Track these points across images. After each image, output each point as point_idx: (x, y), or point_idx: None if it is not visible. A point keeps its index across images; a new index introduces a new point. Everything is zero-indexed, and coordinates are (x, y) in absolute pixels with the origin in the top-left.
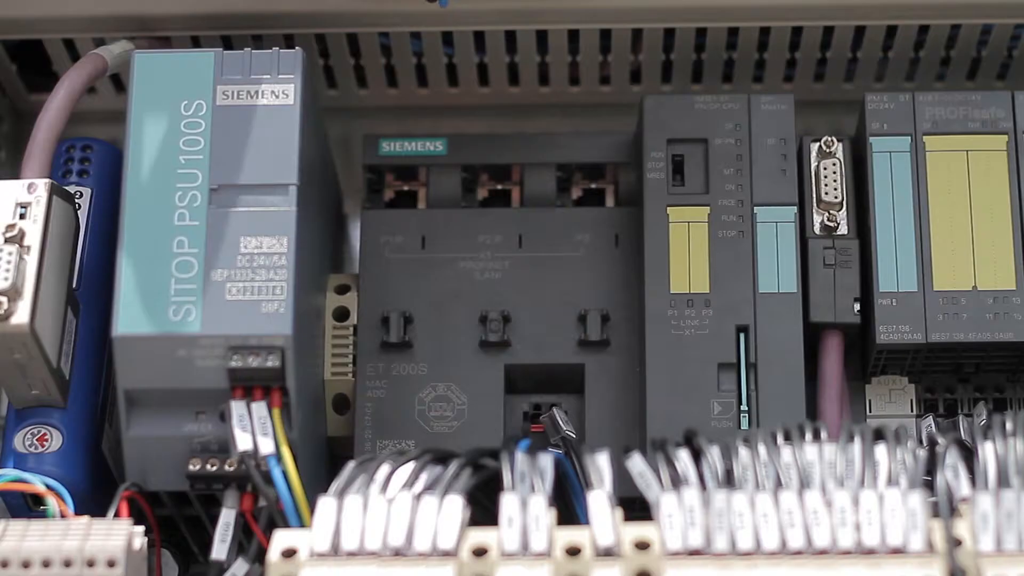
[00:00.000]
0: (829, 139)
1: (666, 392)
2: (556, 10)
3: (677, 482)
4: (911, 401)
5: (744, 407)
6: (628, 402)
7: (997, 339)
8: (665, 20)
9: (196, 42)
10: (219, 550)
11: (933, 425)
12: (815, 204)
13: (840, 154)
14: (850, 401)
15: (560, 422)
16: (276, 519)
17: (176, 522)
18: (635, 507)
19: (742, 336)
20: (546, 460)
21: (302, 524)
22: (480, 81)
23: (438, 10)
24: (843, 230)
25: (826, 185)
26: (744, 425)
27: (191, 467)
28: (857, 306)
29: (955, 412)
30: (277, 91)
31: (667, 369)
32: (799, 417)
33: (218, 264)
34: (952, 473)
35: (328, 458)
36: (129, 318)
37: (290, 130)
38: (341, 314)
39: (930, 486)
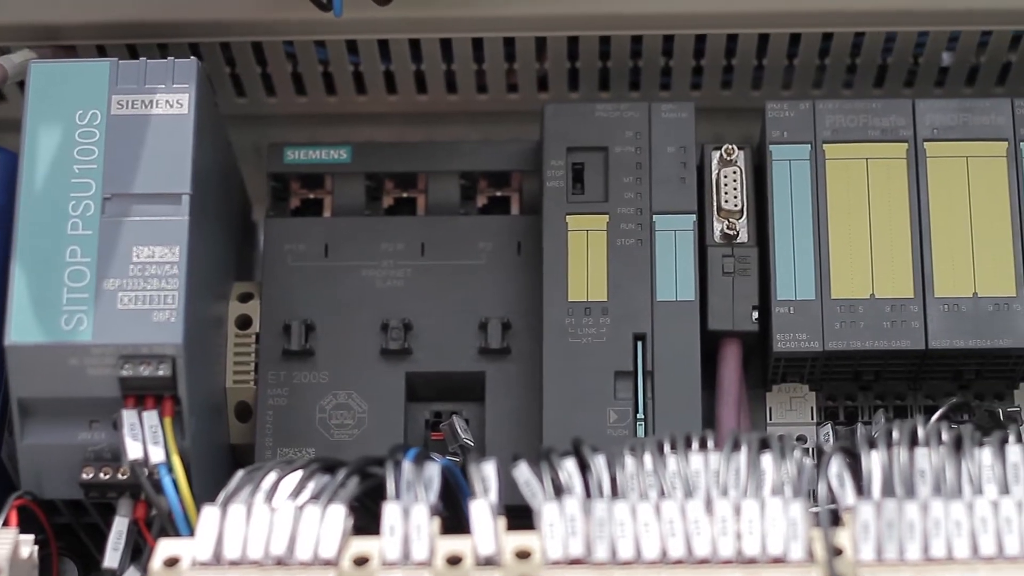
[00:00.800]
0: (730, 147)
1: (562, 400)
2: (458, 19)
3: (563, 491)
4: (811, 409)
5: (640, 415)
6: (529, 410)
7: (894, 347)
8: (568, 28)
9: (102, 51)
10: (111, 558)
11: (831, 433)
12: (715, 212)
13: (741, 162)
14: (750, 409)
15: (459, 430)
16: (167, 528)
17: (76, 530)
18: (530, 515)
19: (639, 344)
20: (432, 469)
21: (193, 533)
22: (388, 89)
23: (341, 19)
24: (743, 238)
25: (726, 193)
26: (640, 433)
27: (84, 475)
28: (755, 314)
29: (856, 420)
30: (171, 100)
31: (564, 377)
32: (695, 425)
33: (110, 273)
34: (838, 482)
35: (233, 466)
36: (21, 327)
37: (183, 140)
38: (244, 322)
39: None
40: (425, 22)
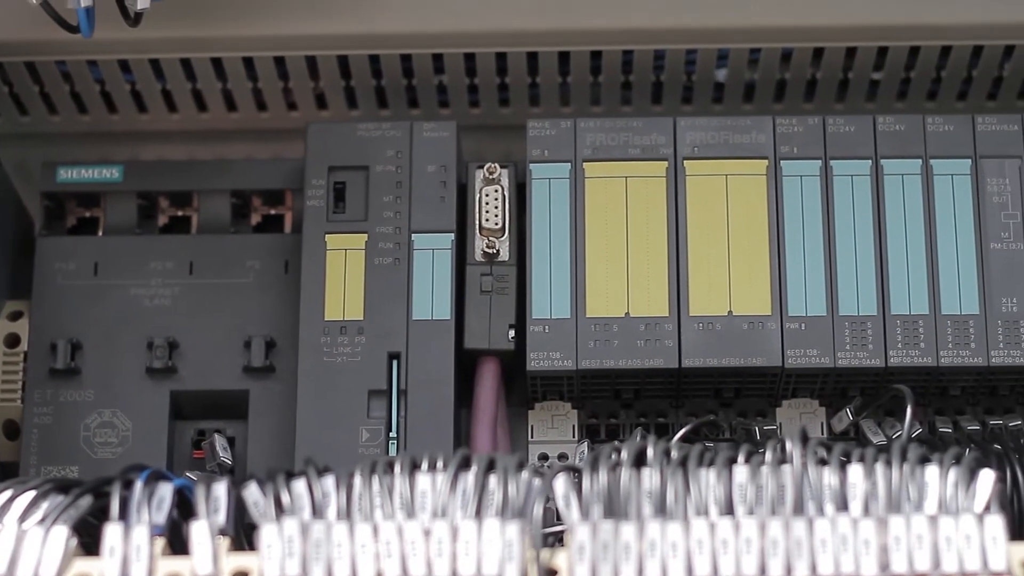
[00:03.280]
0: (492, 165)
1: (316, 419)
2: (227, 38)
3: (291, 511)
4: (573, 427)
5: (393, 434)
6: (291, 428)
7: (647, 366)
8: (336, 47)
9: None
10: None
11: (586, 451)
12: (477, 230)
13: (504, 180)
14: (510, 427)
15: (218, 448)
16: None
17: None
18: None
19: (394, 363)
20: (165, 489)
21: None
22: (168, 107)
23: (109, 39)
24: (504, 256)
25: (487, 211)
26: (392, 451)
27: None
28: (512, 332)
29: (617, 437)
30: None
31: (318, 396)
32: (447, 444)
33: None
34: (564, 503)
35: None
36: None
37: None
38: (12, 340)
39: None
40: (192, 41)
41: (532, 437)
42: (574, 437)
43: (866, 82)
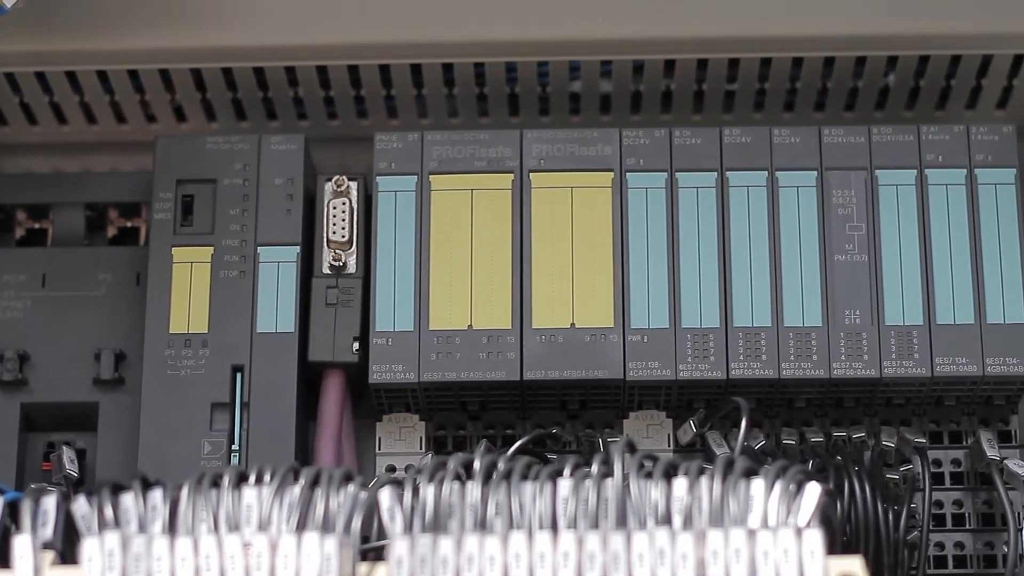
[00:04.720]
0: (340, 178)
1: (158, 431)
2: (79, 52)
3: (116, 525)
4: (421, 439)
5: (236, 446)
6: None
7: (489, 378)
8: (188, 61)
9: None
10: None
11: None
12: (325, 243)
13: (353, 193)
14: (356, 440)
15: (65, 461)
16: None
17: None
18: None
19: (238, 376)
20: None
21: None
22: (29, 120)
23: None
24: (352, 269)
25: (334, 224)
26: (235, 464)
27: None
28: (356, 345)
29: (464, 449)
30: None
31: (161, 409)
32: (288, 456)
33: None
34: (388, 516)
35: None
36: None
37: None
38: None
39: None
40: (44, 55)
41: (380, 449)
42: (421, 449)
43: (720, 94)
